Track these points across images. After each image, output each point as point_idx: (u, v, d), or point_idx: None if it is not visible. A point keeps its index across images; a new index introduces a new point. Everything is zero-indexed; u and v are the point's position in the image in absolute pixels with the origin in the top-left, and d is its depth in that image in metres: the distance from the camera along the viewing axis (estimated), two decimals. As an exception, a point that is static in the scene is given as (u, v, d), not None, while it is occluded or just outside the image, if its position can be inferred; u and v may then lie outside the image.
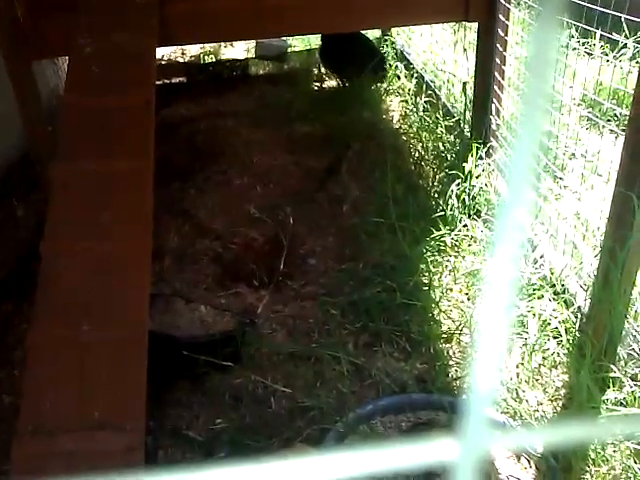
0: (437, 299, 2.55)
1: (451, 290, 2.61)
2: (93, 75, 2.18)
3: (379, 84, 4.56)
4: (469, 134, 3.49)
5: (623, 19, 2.95)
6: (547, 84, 0.28)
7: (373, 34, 5.41)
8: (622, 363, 2.07)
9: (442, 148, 3.55)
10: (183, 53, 5.68)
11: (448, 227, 2.80)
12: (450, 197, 2.91)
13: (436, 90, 4.11)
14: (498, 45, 3.20)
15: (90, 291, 1.67)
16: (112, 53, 2.26)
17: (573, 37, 3.69)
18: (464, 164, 3.04)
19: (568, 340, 2.23)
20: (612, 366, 2.01)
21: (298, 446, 1.96)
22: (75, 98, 2.13)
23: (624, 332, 2.10)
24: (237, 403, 2.20)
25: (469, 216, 2.91)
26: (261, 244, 3.04)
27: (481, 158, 3.06)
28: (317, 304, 2.63)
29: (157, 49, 2.58)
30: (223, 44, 5.68)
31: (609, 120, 3.46)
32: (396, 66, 4.55)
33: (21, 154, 3.33)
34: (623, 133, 2.08)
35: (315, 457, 0.28)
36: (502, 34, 3.17)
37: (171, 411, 2.18)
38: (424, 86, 4.19)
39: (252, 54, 5.57)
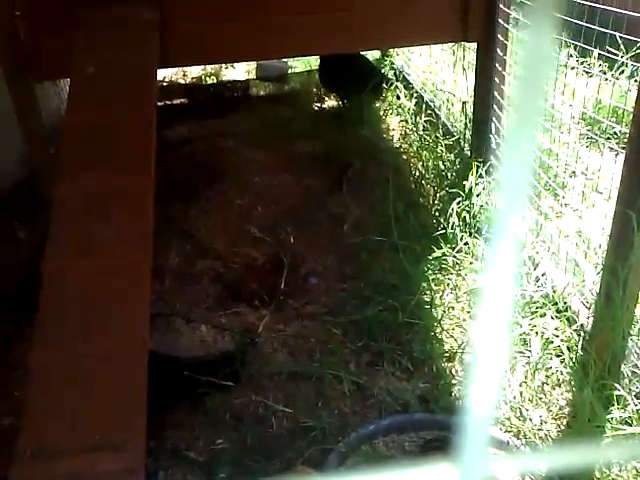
0: (439, 318, 2.54)
1: (453, 309, 2.60)
2: (94, 95, 2.19)
3: (378, 103, 4.58)
4: (469, 153, 3.50)
5: (621, 38, 2.97)
6: (540, 92, 0.28)
7: (373, 55, 5.45)
8: (626, 381, 2.05)
9: (442, 167, 3.56)
10: (185, 75, 5.72)
11: (449, 245, 2.79)
12: (451, 215, 2.92)
13: (436, 110, 4.13)
14: (497, 65, 3.22)
15: (91, 309, 1.67)
16: (113, 73, 2.27)
17: (572, 56, 3.72)
18: (464, 182, 3.05)
19: (571, 358, 2.22)
20: (616, 384, 1.99)
21: (299, 467, 1.94)
22: (76, 117, 2.14)
23: (627, 350, 2.09)
24: (238, 423, 2.18)
25: (470, 234, 2.91)
26: (262, 263, 3.04)
27: (481, 176, 3.07)
28: (318, 323, 2.62)
29: (159, 70, 2.60)
30: (224, 66, 5.73)
31: (609, 138, 3.48)
32: (396, 86, 4.58)
33: (23, 176, 3.34)
34: (623, 151, 2.09)
35: None
36: (501, 54, 3.19)
37: (172, 432, 2.16)
38: (424, 106, 4.22)
39: (253, 75, 5.61)
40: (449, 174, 3.46)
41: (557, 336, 2.29)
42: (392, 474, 0.27)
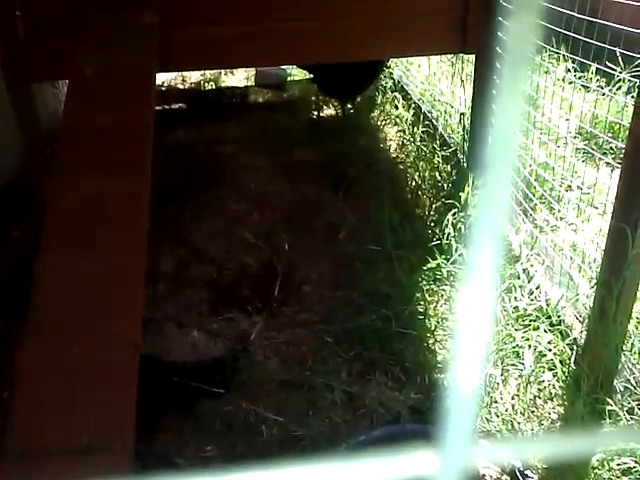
0: (432, 328, 2.53)
1: (447, 319, 2.59)
2: (92, 96, 2.19)
3: (376, 112, 4.58)
4: (466, 164, 3.50)
5: (619, 53, 2.99)
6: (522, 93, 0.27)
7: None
8: (618, 396, 2.05)
9: (439, 178, 3.56)
10: (183, 80, 5.72)
11: (444, 256, 2.79)
12: (446, 226, 2.91)
13: (433, 121, 4.14)
14: (495, 77, 3.23)
15: (82, 311, 1.66)
16: (112, 76, 2.27)
17: (570, 71, 3.74)
18: (460, 194, 3.05)
19: (564, 372, 2.22)
20: (608, 399, 1.99)
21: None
22: (74, 118, 2.13)
23: (620, 365, 2.08)
24: (228, 431, 2.17)
25: (465, 246, 2.91)
26: (256, 270, 3.03)
27: (477, 188, 3.07)
28: (311, 331, 2.61)
29: (157, 74, 2.60)
30: (223, 72, 5.73)
31: (605, 153, 3.49)
32: (394, 96, 4.58)
33: (18, 175, 3.32)
34: (619, 166, 2.09)
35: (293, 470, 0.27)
36: (499, 66, 3.20)
37: (160, 437, 2.15)
38: (421, 116, 4.22)
39: (252, 82, 5.61)
40: (445, 185, 3.46)
41: (550, 349, 2.28)
42: (373, 462, 0.27)
